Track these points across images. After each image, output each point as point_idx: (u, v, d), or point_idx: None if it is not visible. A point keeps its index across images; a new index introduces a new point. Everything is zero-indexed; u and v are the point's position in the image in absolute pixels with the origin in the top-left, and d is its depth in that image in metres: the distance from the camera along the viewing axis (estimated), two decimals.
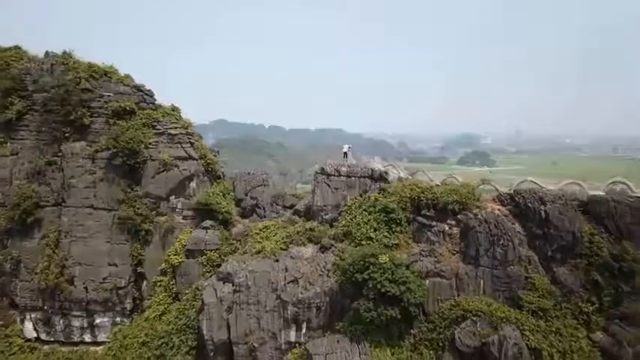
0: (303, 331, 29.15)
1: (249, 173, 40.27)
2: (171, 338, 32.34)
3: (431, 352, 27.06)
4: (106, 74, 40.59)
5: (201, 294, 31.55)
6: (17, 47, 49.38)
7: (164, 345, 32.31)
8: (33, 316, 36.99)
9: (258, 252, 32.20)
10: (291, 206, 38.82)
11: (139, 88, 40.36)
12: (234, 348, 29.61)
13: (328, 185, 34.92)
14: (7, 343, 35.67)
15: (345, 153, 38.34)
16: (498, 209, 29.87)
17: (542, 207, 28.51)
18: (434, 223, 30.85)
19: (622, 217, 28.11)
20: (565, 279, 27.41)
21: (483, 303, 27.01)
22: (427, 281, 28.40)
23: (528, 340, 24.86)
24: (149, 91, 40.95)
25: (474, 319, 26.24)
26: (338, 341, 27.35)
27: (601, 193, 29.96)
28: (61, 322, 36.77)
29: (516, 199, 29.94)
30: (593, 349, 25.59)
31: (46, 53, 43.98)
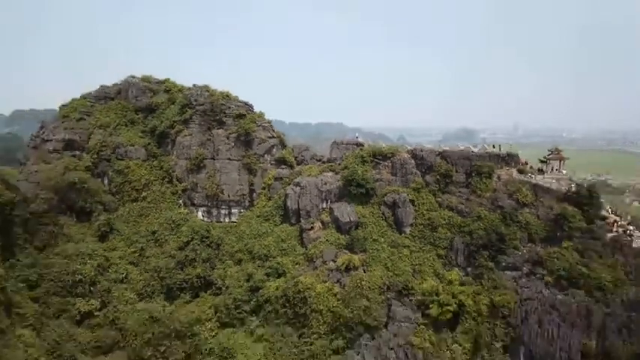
0: (329, 203, 76.38)
1: (300, 145, 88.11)
2: (272, 212, 79.76)
3: (380, 207, 74.17)
4: (227, 96, 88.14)
5: (284, 192, 78.50)
6: (168, 79, 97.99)
7: (267, 214, 79.70)
8: (202, 209, 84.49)
9: (308, 175, 79.51)
10: (320, 159, 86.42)
11: (245, 103, 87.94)
12: (301, 212, 76.51)
13: (338, 148, 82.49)
14: (193, 221, 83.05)
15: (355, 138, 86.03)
16: (406, 156, 76.90)
17: (423, 154, 75.59)
18: (381, 162, 78.03)
19: (459, 160, 74.85)
20: (430, 183, 74.52)
21: (399, 189, 74.23)
22: (377, 183, 75.57)
23: (411, 198, 72.17)
24: (250, 104, 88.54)
25: (392, 193, 73.56)
26: (342, 203, 74.76)
27: (454, 150, 76.86)
28: (215, 212, 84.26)
29: (414, 152, 77.01)
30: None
31: (194, 85, 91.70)
